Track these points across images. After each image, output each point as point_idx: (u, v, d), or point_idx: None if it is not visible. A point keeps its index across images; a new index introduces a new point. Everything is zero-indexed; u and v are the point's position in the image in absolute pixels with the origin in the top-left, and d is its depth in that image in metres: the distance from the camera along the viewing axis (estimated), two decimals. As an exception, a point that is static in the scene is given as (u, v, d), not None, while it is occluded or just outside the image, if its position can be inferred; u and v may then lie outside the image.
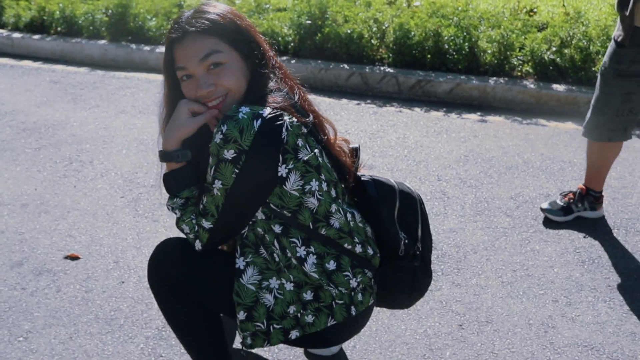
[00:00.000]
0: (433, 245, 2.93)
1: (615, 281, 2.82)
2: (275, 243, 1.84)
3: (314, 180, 1.82)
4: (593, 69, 5.06)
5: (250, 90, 1.84)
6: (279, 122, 1.74)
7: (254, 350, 2.40)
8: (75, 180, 3.68)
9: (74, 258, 2.94)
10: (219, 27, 1.80)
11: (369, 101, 5.11)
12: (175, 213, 1.89)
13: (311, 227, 1.85)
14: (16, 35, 6.59)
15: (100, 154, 4.02)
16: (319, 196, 1.83)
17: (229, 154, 1.71)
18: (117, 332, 2.49)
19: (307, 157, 1.80)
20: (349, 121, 4.63)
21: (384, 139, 4.31)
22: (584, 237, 3.15)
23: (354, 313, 1.93)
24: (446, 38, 5.32)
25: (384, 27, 5.61)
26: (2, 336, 2.47)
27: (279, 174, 1.76)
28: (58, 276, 2.82)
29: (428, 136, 4.37)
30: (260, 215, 1.83)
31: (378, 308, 2.58)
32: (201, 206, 1.82)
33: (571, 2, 6.50)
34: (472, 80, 5.14)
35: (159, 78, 5.49)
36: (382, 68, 5.39)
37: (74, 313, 2.60)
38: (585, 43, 5.09)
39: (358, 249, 1.93)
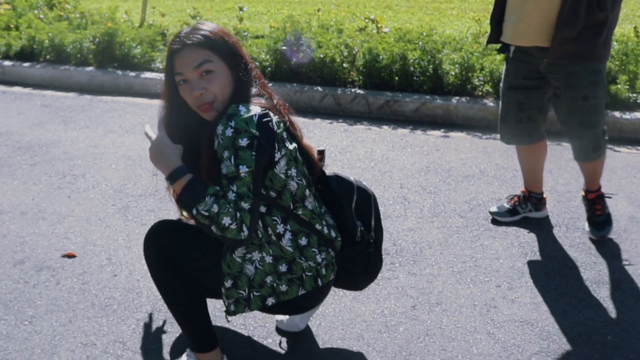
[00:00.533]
0: (394, 243, 3.32)
1: (553, 269, 3.19)
2: (260, 222, 2.22)
3: (293, 167, 2.23)
4: (548, 88, 5.47)
5: (235, 95, 2.22)
6: (269, 118, 2.16)
7: (234, 328, 2.74)
8: (69, 192, 4.02)
9: (70, 256, 3.27)
10: (211, 41, 2.19)
11: (340, 120, 5.49)
12: (213, 210, 2.01)
13: (291, 207, 2.24)
14: (7, 63, 6.93)
15: (92, 169, 4.36)
16: (297, 181, 2.24)
17: (244, 141, 2.07)
18: (111, 316, 2.82)
19: (290, 147, 2.23)
20: (322, 138, 5.00)
21: (352, 153, 4.68)
22: (528, 232, 3.53)
23: (320, 284, 2.29)
24: (412, 61, 5.73)
25: (354, 52, 6.02)
26: (9, 321, 2.79)
27: (275, 159, 2.16)
28: (57, 271, 3.15)
29: (394, 150, 4.75)
30: None
31: (340, 293, 2.93)
32: (233, 194, 2.03)
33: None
34: (436, 99, 5.53)
35: (144, 101, 5.89)
36: (353, 90, 5.78)
37: (72, 301, 2.92)
38: (540, 64, 5.50)
39: (325, 230, 2.32)
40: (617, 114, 5.20)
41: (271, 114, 2.18)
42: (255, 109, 2.14)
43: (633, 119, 5.14)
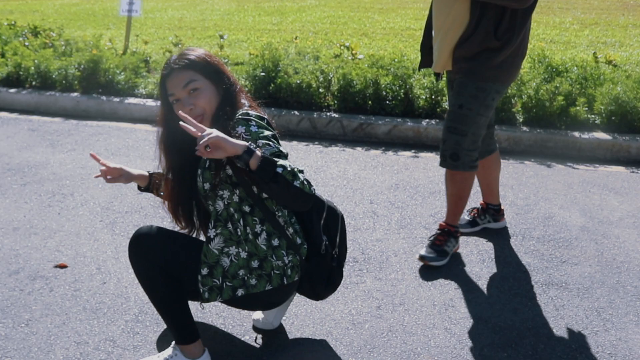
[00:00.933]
0: (363, 252, 3.61)
1: (507, 273, 3.49)
2: (241, 220, 2.51)
3: None
4: (512, 109, 5.82)
5: (223, 105, 2.53)
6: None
7: (215, 327, 3.00)
8: (58, 209, 4.27)
9: (62, 267, 3.52)
10: (194, 63, 2.52)
11: (316, 143, 5.79)
12: (291, 166, 2.28)
13: (275, 209, 2.56)
14: (-6, 89, 7.18)
15: (80, 188, 4.61)
16: None
17: (269, 133, 2.43)
18: (102, 318, 3.07)
19: (284, 152, 2.52)
20: (297, 159, 5.29)
21: (327, 172, 4.97)
22: (487, 241, 3.83)
23: (285, 282, 2.56)
24: (384, 86, 6.06)
25: (329, 78, 6.34)
26: (7, 324, 3.03)
27: None
28: (50, 280, 3.40)
29: (366, 169, 5.05)
30: (235, 198, 2.50)
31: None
32: (287, 163, 2.32)
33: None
34: (407, 122, 5.85)
35: (129, 126, 6.18)
36: (328, 113, 6.09)
37: (65, 306, 3.17)
38: (503, 88, 5.85)
39: (294, 236, 2.59)
40: (576, 134, 5.55)
41: None
42: (260, 114, 2.52)
43: (591, 139, 5.49)
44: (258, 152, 2.27)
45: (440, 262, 3.56)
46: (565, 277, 3.44)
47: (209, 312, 3.12)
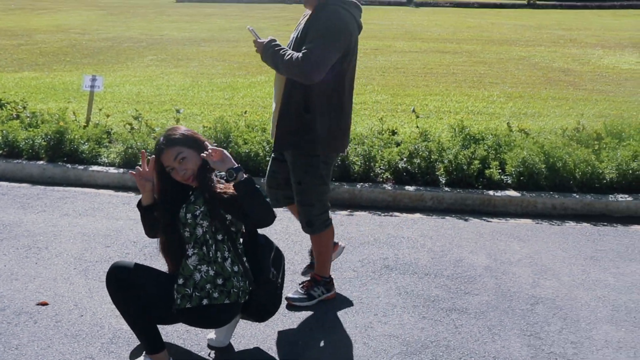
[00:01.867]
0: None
1: (418, 302, 4.22)
2: (214, 246, 3.26)
3: None
4: (436, 172, 6.64)
5: (205, 162, 3.26)
6: None
7: (177, 344, 3.64)
8: (35, 259, 4.88)
9: (44, 304, 4.13)
10: (176, 140, 3.30)
11: (263, 203, 6.49)
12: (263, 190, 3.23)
13: (238, 242, 3.33)
14: (-35, 159, 7.74)
15: (53, 242, 5.23)
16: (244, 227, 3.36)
17: None
18: (81, 342, 3.69)
19: None
20: (247, 216, 5.99)
21: (271, 228, 5.60)
22: (403, 278, 4.57)
23: (239, 301, 3.27)
24: (323, 153, 6.83)
25: (275, 146, 7.08)
26: None
27: None
28: (33, 315, 4.00)
29: (306, 224, 5.77)
30: (212, 228, 3.23)
31: (256, 322, 3.87)
32: None
33: (424, 124, 8.22)
34: (343, 185, 6.60)
35: (93, 191, 6.88)
36: (274, 177, 6.81)
37: (49, 334, 3.78)
38: (427, 154, 6.69)
39: (247, 265, 3.31)
40: (491, 192, 6.38)
41: None
42: None
43: (503, 196, 6.32)
44: (243, 172, 3.20)
45: (304, 303, 4.12)
46: (466, 305, 4.18)
47: (172, 335, 3.76)
